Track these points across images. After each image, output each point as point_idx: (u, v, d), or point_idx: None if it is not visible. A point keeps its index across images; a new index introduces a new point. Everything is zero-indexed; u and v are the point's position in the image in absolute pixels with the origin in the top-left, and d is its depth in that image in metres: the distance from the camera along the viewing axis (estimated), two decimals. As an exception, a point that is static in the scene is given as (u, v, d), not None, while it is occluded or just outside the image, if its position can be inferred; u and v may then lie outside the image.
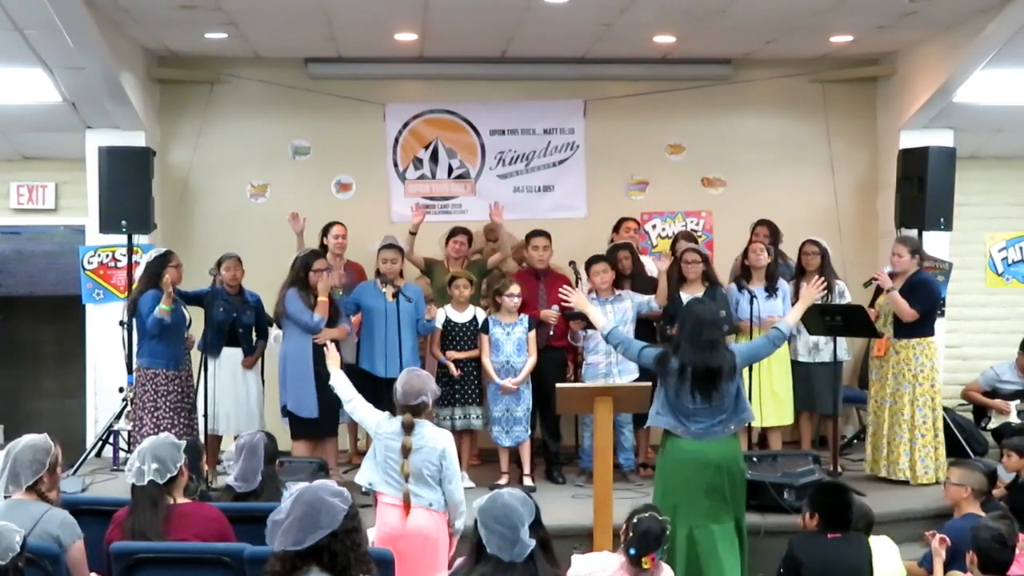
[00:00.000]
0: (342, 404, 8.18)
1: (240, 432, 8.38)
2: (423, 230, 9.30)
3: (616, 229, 9.77)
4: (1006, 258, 11.11)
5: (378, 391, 8.50)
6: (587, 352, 8.65)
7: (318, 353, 8.19)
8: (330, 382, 6.39)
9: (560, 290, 7.81)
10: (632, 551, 5.13)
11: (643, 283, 8.92)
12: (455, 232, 9.42)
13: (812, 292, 7.06)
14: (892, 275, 8.44)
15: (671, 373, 6.45)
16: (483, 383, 8.62)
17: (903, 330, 8.42)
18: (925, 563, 6.20)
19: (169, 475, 5.10)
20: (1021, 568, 5.47)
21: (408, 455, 5.67)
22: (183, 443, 5.33)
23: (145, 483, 5.06)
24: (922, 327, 8.42)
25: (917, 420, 8.39)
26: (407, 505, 5.66)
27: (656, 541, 5.15)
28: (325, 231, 9.28)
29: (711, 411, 6.42)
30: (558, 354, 8.85)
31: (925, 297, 8.40)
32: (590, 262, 8.65)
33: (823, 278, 7.55)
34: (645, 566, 5.14)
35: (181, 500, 5.19)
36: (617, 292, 8.55)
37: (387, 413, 5.93)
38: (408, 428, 5.71)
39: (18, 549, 4.08)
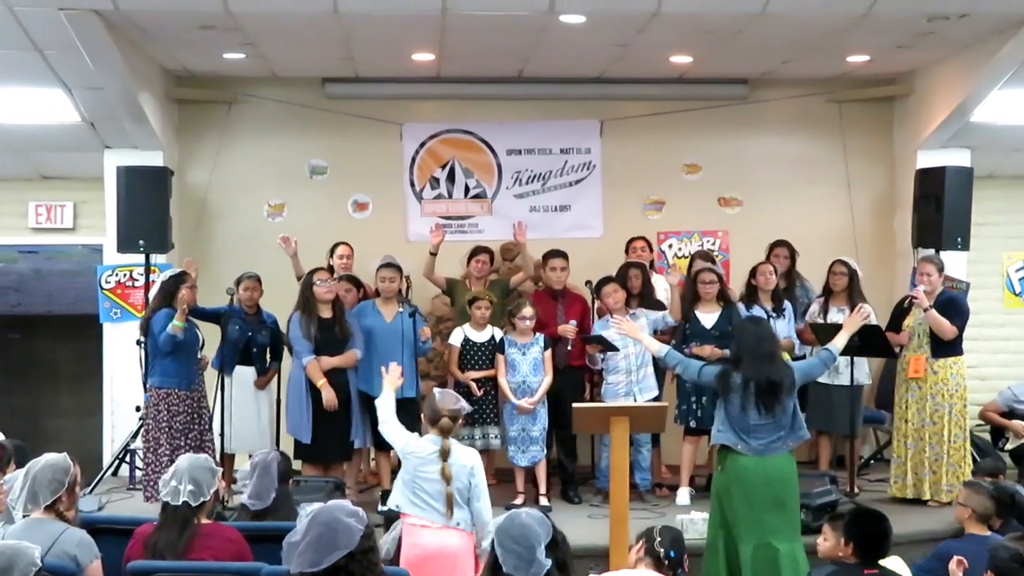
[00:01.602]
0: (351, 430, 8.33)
1: (252, 451, 8.46)
2: (442, 249, 9.27)
3: (626, 250, 9.76)
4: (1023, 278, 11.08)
5: (375, 413, 8.50)
6: (607, 372, 8.62)
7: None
8: (376, 401, 6.34)
9: (613, 323, 7.76)
10: (672, 554, 5.11)
11: (649, 304, 8.80)
12: (477, 251, 9.39)
13: (856, 319, 7.18)
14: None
15: (734, 389, 6.53)
16: (500, 402, 8.59)
17: (940, 349, 8.39)
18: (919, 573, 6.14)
19: (202, 499, 5.14)
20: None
21: (451, 482, 5.64)
22: (220, 469, 5.36)
23: (179, 503, 5.09)
24: (955, 346, 8.42)
25: (952, 439, 8.38)
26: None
27: (683, 546, 5.16)
28: (331, 251, 9.30)
29: (772, 427, 6.50)
30: (575, 374, 8.82)
31: (960, 312, 8.44)
32: (599, 284, 8.66)
33: (862, 306, 7.52)
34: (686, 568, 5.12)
35: (203, 521, 5.21)
36: (631, 311, 8.51)
37: (415, 433, 5.91)
38: (445, 454, 5.68)
39: (40, 564, 4.10)
